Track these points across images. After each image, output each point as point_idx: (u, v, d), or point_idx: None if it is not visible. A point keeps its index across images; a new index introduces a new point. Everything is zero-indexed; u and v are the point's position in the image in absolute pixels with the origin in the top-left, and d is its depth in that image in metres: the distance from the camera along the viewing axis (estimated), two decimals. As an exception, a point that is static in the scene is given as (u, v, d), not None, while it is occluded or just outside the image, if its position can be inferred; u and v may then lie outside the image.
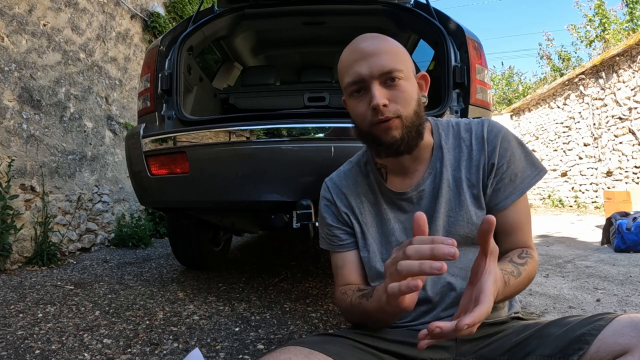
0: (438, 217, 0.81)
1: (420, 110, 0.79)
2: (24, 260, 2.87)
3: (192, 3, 5.31)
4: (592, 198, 8.15)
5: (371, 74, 0.75)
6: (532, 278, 0.77)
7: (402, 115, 0.75)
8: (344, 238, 0.90)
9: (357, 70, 0.76)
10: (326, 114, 1.83)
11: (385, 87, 0.75)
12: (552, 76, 13.03)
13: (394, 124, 0.75)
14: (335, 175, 0.96)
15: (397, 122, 0.75)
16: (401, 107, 0.75)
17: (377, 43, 0.77)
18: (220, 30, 2.27)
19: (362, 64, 0.75)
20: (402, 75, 0.75)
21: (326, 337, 0.75)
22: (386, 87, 0.75)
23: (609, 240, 3.67)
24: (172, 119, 1.85)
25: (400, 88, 0.75)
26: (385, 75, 0.75)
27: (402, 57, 0.78)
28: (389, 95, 0.75)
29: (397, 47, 0.78)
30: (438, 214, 0.81)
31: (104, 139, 3.96)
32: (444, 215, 0.81)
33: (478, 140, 0.82)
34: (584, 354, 0.61)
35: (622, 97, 7.07)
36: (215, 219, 2.20)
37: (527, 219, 0.82)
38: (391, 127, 0.75)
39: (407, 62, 0.78)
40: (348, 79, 0.78)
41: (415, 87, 0.79)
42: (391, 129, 0.75)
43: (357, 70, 0.76)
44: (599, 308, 1.89)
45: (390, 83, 0.75)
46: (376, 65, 0.74)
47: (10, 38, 2.89)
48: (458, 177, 0.82)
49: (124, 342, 1.48)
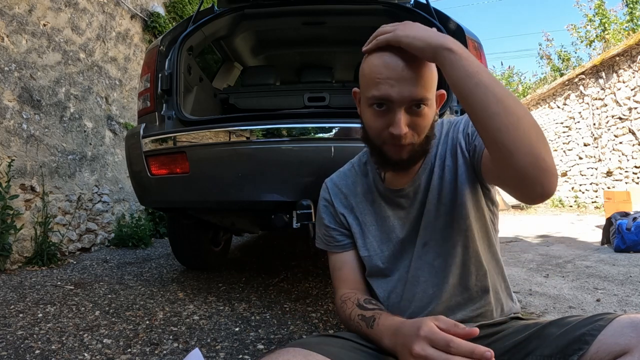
0: (432, 209, 0.82)
1: (432, 132, 0.78)
2: (24, 260, 2.87)
3: (192, 3, 5.30)
4: (592, 198, 8.15)
5: (401, 99, 0.71)
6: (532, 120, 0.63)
7: (415, 143, 0.76)
8: (341, 239, 0.91)
9: (387, 91, 0.71)
10: (326, 114, 1.83)
11: (409, 113, 0.73)
12: (552, 76, 13.02)
13: (406, 148, 0.76)
14: (336, 175, 0.97)
15: (409, 147, 0.76)
16: (417, 135, 0.75)
17: (415, 66, 0.71)
18: (220, 30, 2.27)
19: (394, 85, 0.71)
20: (428, 103, 0.74)
21: (326, 337, 0.75)
22: (410, 113, 0.73)
23: (609, 240, 3.67)
24: (172, 119, 1.85)
25: (423, 117, 0.74)
26: (413, 102, 0.72)
27: (433, 81, 0.75)
28: (410, 121, 0.73)
29: (432, 71, 0.74)
30: (431, 205, 0.82)
31: (104, 139, 3.96)
32: (440, 205, 0.82)
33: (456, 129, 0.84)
34: (584, 354, 0.62)
35: (622, 97, 7.07)
36: (215, 219, 2.20)
37: None
38: (403, 150, 0.76)
39: (434, 86, 0.76)
40: (374, 92, 0.73)
41: (434, 110, 0.78)
42: (402, 151, 0.76)
43: (388, 90, 0.71)
44: (599, 308, 1.89)
45: (415, 109, 0.73)
46: (409, 92, 0.71)
47: (10, 38, 2.89)
48: (449, 166, 0.83)
49: (124, 342, 1.48)
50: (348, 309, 0.82)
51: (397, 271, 0.85)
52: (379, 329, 0.73)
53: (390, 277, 0.86)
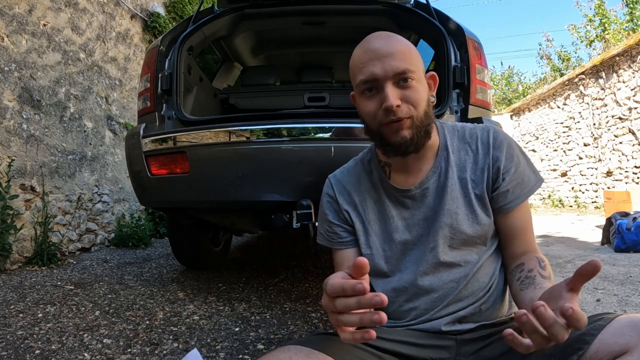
0: (442, 214, 0.81)
1: (430, 110, 0.79)
2: (24, 260, 2.87)
3: (192, 3, 5.30)
4: (592, 198, 8.15)
5: (385, 74, 0.75)
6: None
7: (414, 115, 0.76)
8: (344, 236, 0.90)
9: (370, 70, 0.76)
10: (326, 114, 1.83)
11: (398, 87, 0.76)
12: (552, 76, 13.04)
13: (405, 124, 0.76)
14: (339, 172, 0.96)
15: (408, 123, 0.76)
16: (413, 108, 0.76)
17: (392, 43, 0.77)
18: (220, 30, 2.27)
19: (376, 64, 0.75)
20: (414, 76, 0.76)
21: (326, 336, 0.75)
22: (399, 88, 0.76)
23: (609, 240, 3.67)
24: (172, 119, 1.85)
25: (413, 89, 0.76)
26: (398, 76, 0.75)
27: (415, 58, 0.78)
28: (402, 95, 0.75)
29: (410, 48, 0.78)
30: (442, 212, 0.81)
31: (104, 139, 3.96)
32: (452, 213, 0.81)
33: (484, 145, 0.84)
34: (584, 354, 0.62)
35: (622, 97, 7.07)
36: (215, 219, 2.20)
37: (530, 223, 0.85)
38: (402, 127, 0.76)
39: (418, 63, 0.78)
40: (361, 77, 0.77)
41: (425, 88, 0.79)
42: (402, 129, 0.76)
43: (371, 69, 0.76)
44: (599, 308, 1.89)
45: (403, 84, 0.75)
46: (390, 66, 0.75)
47: (10, 38, 2.89)
48: (464, 178, 0.83)
49: (124, 342, 1.48)
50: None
51: (399, 272, 0.84)
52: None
53: (392, 278, 0.85)
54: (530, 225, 0.84)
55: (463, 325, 0.79)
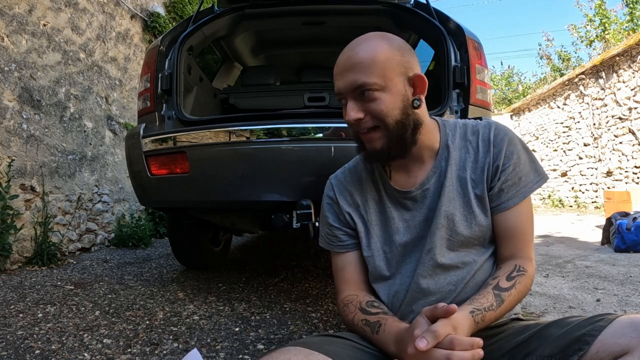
0: (439, 215, 0.80)
1: (407, 118, 0.77)
2: (24, 260, 2.87)
3: (192, 3, 5.30)
4: (592, 198, 8.15)
5: (345, 89, 0.76)
6: (523, 295, 0.78)
7: (381, 126, 0.76)
8: (344, 239, 0.89)
9: (336, 84, 0.78)
10: (326, 114, 1.83)
11: (361, 100, 0.76)
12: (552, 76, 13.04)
13: (374, 135, 0.77)
14: (340, 172, 0.96)
15: (378, 134, 0.77)
16: (378, 120, 0.76)
17: (353, 55, 0.76)
18: (220, 30, 2.27)
19: (339, 79, 0.77)
20: (376, 88, 0.74)
21: (326, 337, 0.75)
22: (361, 101, 0.76)
23: (609, 240, 3.67)
24: (172, 119, 1.85)
25: (376, 101, 0.75)
26: (357, 90, 0.75)
27: (380, 66, 0.74)
28: (364, 108, 0.76)
29: (375, 56, 0.74)
30: (440, 212, 0.80)
31: (104, 139, 3.96)
32: (448, 214, 0.80)
33: (484, 142, 0.82)
34: (584, 355, 0.62)
35: (622, 97, 7.07)
36: (215, 219, 2.20)
37: (528, 225, 0.82)
38: (372, 138, 0.77)
39: (386, 71, 0.74)
40: (335, 91, 0.80)
41: (397, 95, 0.76)
42: (372, 140, 0.77)
43: (337, 84, 0.78)
44: (599, 308, 1.89)
45: (364, 96, 0.75)
46: (348, 81, 0.75)
47: (10, 38, 2.89)
48: (463, 177, 0.81)
49: (124, 342, 1.48)
50: (351, 313, 0.81)
51: (400, 274, 0.83)
52: (385, 335, 0.73)
53: (393, 280, 0.84)
54: (527, 229, 0.81)
55: None
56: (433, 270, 0.80)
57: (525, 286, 0.77)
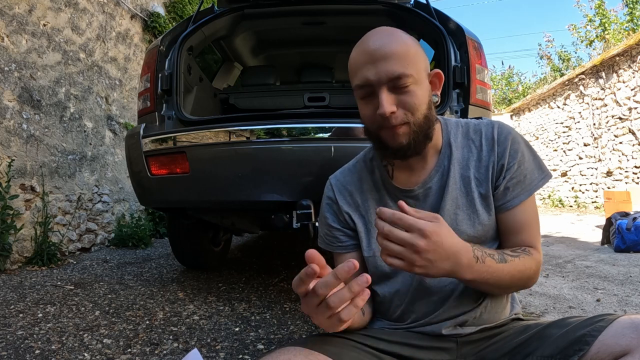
0: (444, 215, 0.79)
1: (431, 113, 0.77)
2: (24, 260, 2.87)
3: (192, 3, 5.30)
4: (592, 198, 8.15)
5: (379, 79, 0.72)
6: (526, 274, 0.75)
7: (411, 121, 0.74)
8: (343, 240, 0.89)
9: (365, 75, 0.73)
10: (326, 114, 1.83)
11: (394, 92, 0.73)
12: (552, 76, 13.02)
13: (401, 130, 0.74)
14: (340, 172, 0.94)
15: (405, 129, 0.74)
16: (410, 114, 0.73)
17: (386, 44, 0.73)
18: (220, 30, 2.27)
19: (370, 68, 0.72)
20: (411, 80, 0.72)
21: (326, 337, 0.75)
22: (395, 93, 0.73)
23: (609, 240, 3.67)
24: (172, 119, 1.85)
25: (410, 93, 0.73)
26: (393, 81, 0.72)
27: (413, 58, 0.74)
28: (398, 100, 0.73)
29: (408, 48, 0.74)
30: (444, 212, 0.79)
31: (104, 139, 3.96)
32: (451, 213, 0.80)
33: (488, 141, 0.81)
34: (585, 355, 0.61)
35: (622, 97, 7.06)
36: (215, 219, 2.20)
37: (534, 221, 0.81)
38: (399, 133, 0.74)
39: (418, 64, 0.74)
40: (357, 81, 0.75)
41: (426, 90, 0.76)
42: (398, 135, 0.74)
43: (365, 74, 0.73)
44: (599, 308, 1.89)
45: (398, 89, 0.73)
46: (384, 71, 0.71)
47: (10, 38, 2.89)
48: (466, 176, 0.81)
49: (124, 342, 1.48)
50: None
51: (401, 274, 0.82)
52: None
53: (394, 279, 0.83)
54: (533, 224, 0.80)
55: (464, 328, 0.78)
56: None
57: (529, 264, 0.75)
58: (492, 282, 0.71)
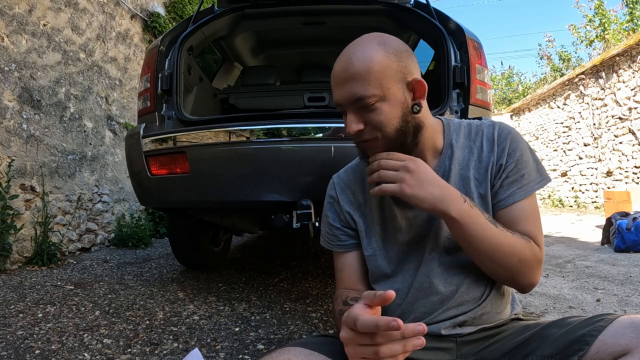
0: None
1: (407, 125, 0.76)
2: (24, 260, 2.87)
3: (192, 3, 5.30)
4: (592, 198, 8.15)
5: (344, 101, 0.75)
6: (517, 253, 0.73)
7: (379, 136, 0.75)
8: (344, 239, 0.89)
9: (335, 96, 0.77)
10: (326, 114, 1.83)
11: (361, 111, 0.74)
12: (552, 76, 13.02)
13: (373, 144, 0.76)
14: (343, 171, 0.95)
15: (377, 143, 0.76)
16: (378, 130, 0.75)
17: (348, 67, 0.73)
18: (220, 30, 2.27)
19: (336, 90, 0.76)
20: (375, 99, 0.72)
21: (326, 338, 0.75)
22: (361, 111, 0.74)
23: (609, 240, 3.67)
24: (172, 119, 1.85)
25: (376, 111, 0.73)
26: (357, 103, 0.73)
27: (377, 75, 0.72)
28: (365, 118, 0.74)
29: (371, 66, 0.72)
30: None
31: (104, 139, 3.96)
32: None
33: (489, 142, 0.81)
34: (584, 355, 0.61)
35: (622, 97, 7.07)
36: (215, 219, 2.20)
37: (532, 217, 0.79)
38: (371, 147, 0.77)
39: (385, 80, 0.72)
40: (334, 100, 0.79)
41: (397, 104, 0.74)
42: (370, 148, 0.77)
43: (335, 96, 0.77)
44: (599, 308, 1.89)
45: (364, 107, 0.73)
46: (348, 93, 0.73)
47: (10, 38, 2.89)
48: (466, 176, 0.81)
49: (124, 342, 1.48)
50: (337, 307, 0.81)
51: (401, 273, 0.83)
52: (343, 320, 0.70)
53: (394, 279, 0.83)
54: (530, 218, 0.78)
55: (463, 328, 0.78)
56: (434, 271, 0.79)
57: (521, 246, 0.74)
58: (478, 237, 0.72)
